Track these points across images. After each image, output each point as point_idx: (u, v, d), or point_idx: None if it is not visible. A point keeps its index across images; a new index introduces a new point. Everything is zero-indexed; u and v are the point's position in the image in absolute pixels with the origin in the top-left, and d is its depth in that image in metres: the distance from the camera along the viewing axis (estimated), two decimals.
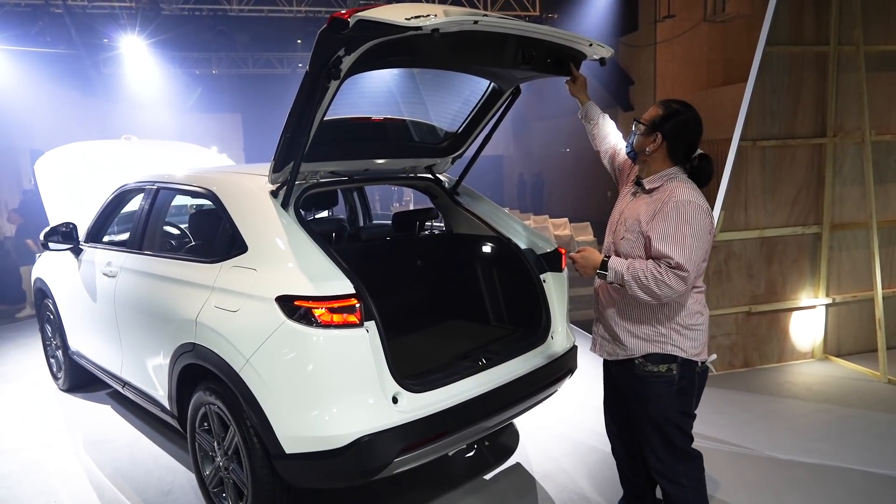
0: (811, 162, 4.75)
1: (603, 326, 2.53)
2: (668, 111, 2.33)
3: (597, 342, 2.58)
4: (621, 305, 2.43)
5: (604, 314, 2.51)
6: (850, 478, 3.26)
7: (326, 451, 2.40)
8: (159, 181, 3.65)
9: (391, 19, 2.07)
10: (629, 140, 2.43)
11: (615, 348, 2.47)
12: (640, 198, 2.38)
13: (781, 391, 4.42)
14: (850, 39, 4.59)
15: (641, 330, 2.39)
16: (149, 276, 3.38)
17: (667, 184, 2.32)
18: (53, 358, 4.94)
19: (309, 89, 2.40)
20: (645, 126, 2.35)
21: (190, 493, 3.28)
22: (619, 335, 2.44)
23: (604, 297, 2.51)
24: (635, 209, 2.37)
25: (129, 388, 3.70)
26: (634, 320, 2.40)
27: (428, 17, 2.09)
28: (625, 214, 2.41)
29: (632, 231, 2.33)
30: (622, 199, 2.53)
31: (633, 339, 2.40)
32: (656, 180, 2.35)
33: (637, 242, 2.32)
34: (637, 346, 2.40)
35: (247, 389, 2.53)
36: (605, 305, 2.50)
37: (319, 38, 2.26)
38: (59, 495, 3.34)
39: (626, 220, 2.38)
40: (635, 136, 2.38)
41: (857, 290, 4.95)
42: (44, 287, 4.75)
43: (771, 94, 4.58)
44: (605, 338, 2.52)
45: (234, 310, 2.64)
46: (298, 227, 2.67)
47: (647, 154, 2.37)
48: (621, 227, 2.40)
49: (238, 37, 13.12)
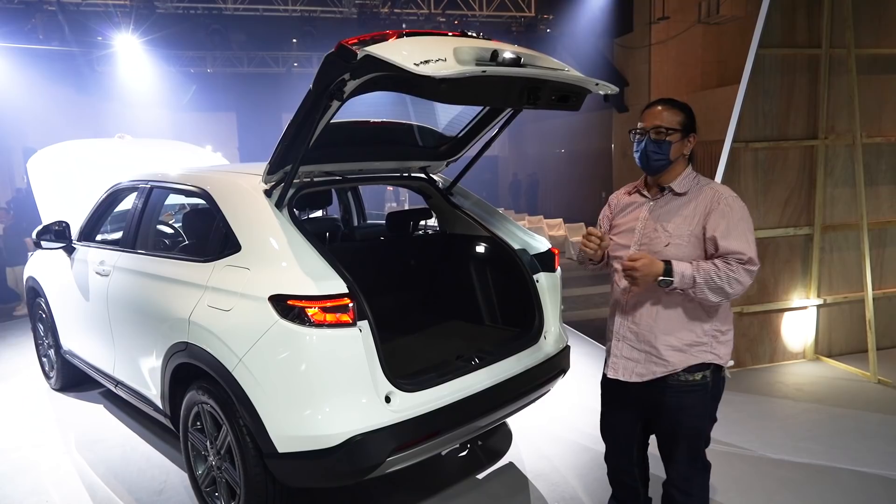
0: (803, 164, 4.79)
1: (631, 345, 2.30)
2: (687, 110, 2.26)
3: (619, 365, 2.34)
4: (663, 317, 2.24)
5: (637, 330, 2.28)
6: (841, 477, 3.28)
7: (319, 450, 2.40)
8: (153, 180, 3.64)
9: (400, 62, 2.06)
10: (657, 150, 2.22)
11: (651, 367, 2.26)
12: (669, 202, 2.26)
13: (773, 391, 4.45)
14: (842, 42, 4.63)
15: (684, 341, 2.23)
16: (142, 275, 3.37)
17: (699, 183, 2.26)
18: (45, 357, 4.92)
19: (311, 106, 2.41)
20: (678, 132, 2.22)
21: (182, 493, 3.28)
22: (659, 351, 2.24)
23: (637, 310, 2.28)
24: (669, 213, 2.24)
25: (121, 387, 3.69)
26: (677, 331, 2.23)
27: (437, 63, 2.08)
28: (658, 221, 2.25)
29: (679, 235, 2.20)
30: (635, 209, 2.35)
31: (674, 352, 2.22)
32: (686, 182, 2.27)
33: (689, 246, 2.19)
34: (679, 359, 2.23)
35: (240, 389, 2.53)
36: (639, 320, 2.28)
37: (326, 61, 2.26)
38: (51, 495, 3.33)
39: (663, 226, 2.23)
40: (670, 145, 2.20)
41: (848, 291, 4.99)
42: (36, 286, 4.73)
43: (763, 96, 4.61)
44: (634, 358, 2.29)
45: (227, 309, 2.64)
46: (292, 227, 2.67)
47: (681, 158, 2.27)
48: (657, 233, 2.23)
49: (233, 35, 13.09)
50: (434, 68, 2.06)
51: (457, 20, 13.09)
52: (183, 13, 12.03)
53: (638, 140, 2.27)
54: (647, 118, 2.26)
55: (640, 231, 2.28)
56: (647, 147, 2.23)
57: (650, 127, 2.23)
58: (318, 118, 2.44)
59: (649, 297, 2.24)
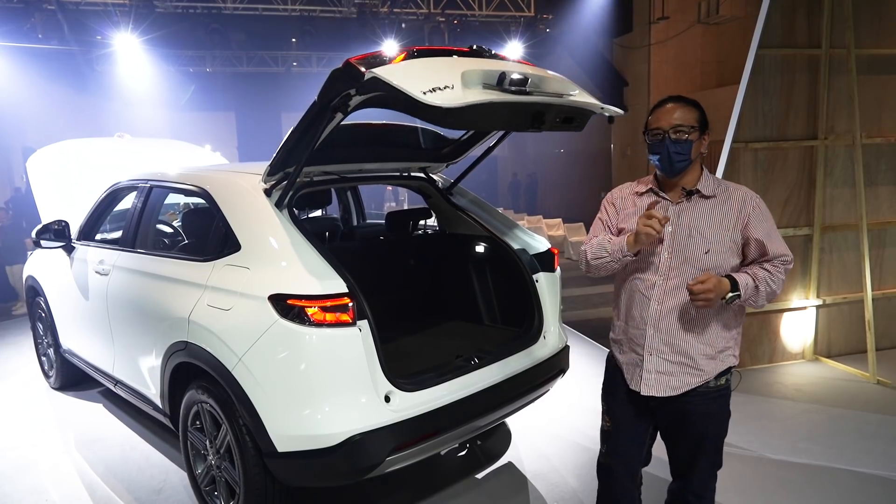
0: (803, 164, 4.79)
1: (665, 358, 2.17)
2: (700, 106, 2.17)
3: (652, 380, 2.19)
4: (700, 325, 2.15)
5: (671, 341, 2.16)
6: (840, 478, 3.29)
7: (318, 449, 2.40)
8: (152, 179, 3.64)
9: (408, 90, 2.06)
10: (680, 150, 2.10)
11: (687, 378, 2.16)
12: (698, 205, 2.15)
13: (772, 392, 4.45)
14: (842, 42, 4.63)
15: (717, 347, 2.17)
16: (141, 274, 3.37)
17: (720, 185, 2.19)
18: (45, 356, 4.92)
19: (315, 117, 2.42)
20: (696, 130, 2.12)
21: (182, 492, 3.28)
22: (696, 361, 2.15)
23: (672, 321, 2.15)
24: (702, 218, 2.14)
25: (121, 386, 3.69)
26: (712, 338, 2.16)
27: (445, 92, 2.10)
28: (692, 226, 2.13)
29: (720, 241, 2.11)
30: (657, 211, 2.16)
31: (708, 360, 2.15)
32: (710, 184, 2.18)
33: (729, 252, 2.12)
34: (712, 366, 2.16)
35: (239, 388, 2.53)
36: (674, 331, 2.16)
37: (332, 76, 2.27)
38: (51, 494, 3.33)
39: (700, 232, 2.12)
40: (692, 144, 2.10)
41: (848, 291, 4.99)
42: (35, 285, 4.73)
43: (763, 96, 4.61)
44: (669, 371, 2.17)
45: (226, 308, 2.64)
46: (292, 226, 2.67)
47: (698, 158, 2.18)
48: (692, 240, 2.12)
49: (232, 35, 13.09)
50: (441, 98, 2.07)
51: (456, 20, 13.08)
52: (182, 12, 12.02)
53: (655, 142, 2.14)
54: (663, 118, 2.14)
55: (670, 237, 2.14)
56: (670, 148, 2.11)
57: (668, 127, 2.11)
58: (322, 128, 2.44)
59: (685, 306, 2.13)
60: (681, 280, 2.12)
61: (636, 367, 2.23)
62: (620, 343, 2.31)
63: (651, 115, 2.20)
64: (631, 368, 2.25)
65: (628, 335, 2.26)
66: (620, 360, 2.30)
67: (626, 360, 2.27)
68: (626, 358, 2.27)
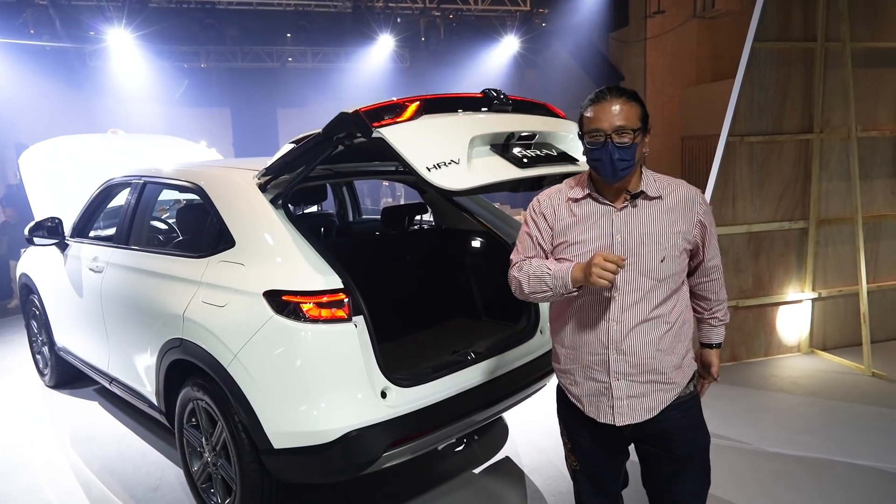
0: (798, 157, 4.79)
1: (632, 381, 1.93)
2: (639, 99, 1.90)
3: (624, 407, 1.93)
4: (666, 337, 1.94)
5: (637, 361, 1.92)
6: (836, 469, 3.30)
7: (315, 446, 2.39)
8: (146, 175, 3.62)
9: (413, 162, 2.12)
10: (624, 156, 1.84)
11: (661, 395, 1.94)
12: (643, 210, 1.91)
13: (768, 385, 4.46)
14: (837, 36, 4.62)
15: (681, 354, 1.98)
16: (136, 271, 3.35)
17: (658, 179, 1.97)
18: (39, 354, 4.90)
19: (316, 145, 2.43)
20: (641, 130, 1.87)
21: (178, 489, 3.27)
22: (666, 374, 1.94)
23: (634, 339, 1.91)
24: (650, 222, 1.90)
25: (116, 384, 3.67)
26: (676, 347, 1.97)
27: (450, 168, 2.15)
28: (641, 233, 1.89)
29: (674, 245, 1.90)
30: (596, 220, 1.93)
31: (676, 370, 1.96)
32: (652, 184, 1.94)
33: (683, 256, 1.93)
34: (681, 375, 1.98)
35: (235, 385, 2.52)
36: (638, 349, 1.91)
37: (342, 118, 2.28)
38: (46, 493, 3.32)
39: (652, 239, 1.89)
40: (636, 147, 1.85)
41: (843, 284, 5.00)
42: (29, 282, 4.71)
43: (759, 90, 4.60)
44: (639, 393, 1.93)
45: (221, 305, 2.63)
46: (286, 222, 2.66)
47: (642, 159, 1.94)
48: (646, 248, 1.88)
49: (227, 30, 12.99)
50: (446, 180, 2.13)
51: (451, 14, 13.03)
52: (176, 7, 11.94)
53: (595, 146, 1.85)
54: (603, 117, 1.84)
55: (620, 247, 1.89)
56: (613, 154, 1.83)
57: (611, 129, 1.83)
58: (323, 155, 2.47)
59: (645, 320, 1.91)
60: (638, 294, 1.88)
61: (601, 397, 1.96)
62: (571, 373, 2.02)
63: (587, 111, 1.89)
64: (594, 399, 1.98)
65: (582, 363, 1.98)
66: (576, 392, 2.02)
67: (585, 391, 1.99)
68: (584, 389, 1.99)
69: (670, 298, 1.94)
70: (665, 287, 1.91)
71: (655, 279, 1.89)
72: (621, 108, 1.84)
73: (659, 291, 1.90)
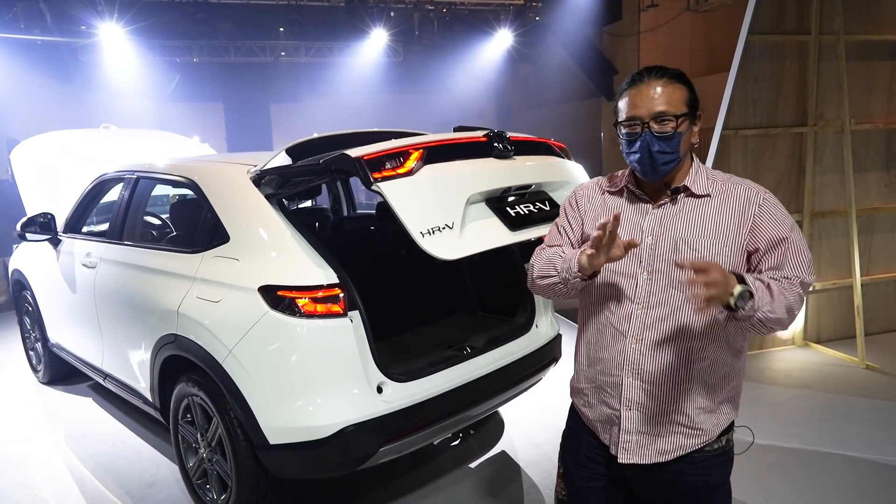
0: (792, 151, 4.80)
1: (647, 414, 1.63)
2: (688, 81, 1.61)
3: (632, 443, 1.64)
4: (697, 366, 1.60)
5: (657, 392, 1.62)
6: (830, 462, 3.31)
7: (310, 441, 2.39)
8: (139, 170, 3.59)
9: (407, 225, 2.21)
10: (666, 147, 1.56)
11: (680, 439, 1.63)
12: (684, 209, 1.62)
13: (762, 377, 4.48)
14: (831, 29, 4.63)
15: (718, 398, 1.65)
16: (129, 266, 3.33)
17: (716, 178, 1.66)
18: (33, 350, 4.87)
19: (315, 173, 2.50)
20: (686, 116, 1.57)
21: (174, 486, 3.26)
22: (691, 417, 1.62)
23: (659, 361, 1.60)
24: (692, 224, 1.60)
25: (110, 380, 3.65)
26: (714, 386, 1.63)
27: (444, 234, 2.24)
28: (678, 236, 1.60)
29: (714, 256, 1.57)
30: (630, 217, 1.67)
31: (707, 415, 1.63)
32: (702, 179, 1.64)
33: (731, 268, 1.54)
34: (713, 423, 1.65)
35: (230, 380, 2.51)
36: (662, 376, 1.61)
37: (344, 159, 2.32)
38: (41, 490, 3.30)
39: (688, 243, 1.58)
40: (681, 136, 1.57)
41: (837, 277, 5.02)
42: (21, 279, 4.67)
43: (753, 83, 4.60)
44: (653, 431, 1.63)
45: (216, 300, 2.62)
46: (281, 217, 2.64)
47: (690, 150, 1.65)
48: (681, 254, 1.58)
49: (219, 25, 12.91)
50: (438, 247, 2.22)
51: (445, 8, 12.98)
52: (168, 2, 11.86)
53: (631, 136, 1.58)
54: (640, 102, 1.56)
55: (650, 251, 1.61)
56: (652, 146, 1.55)
57: (649, 116, 1.54)
58: (317, 181, 2.62)
59: (671, 342, 1.59)
60: (666, 309, 1.59)
61: (612, 426, 1.68)
62: (585, 394, 1.76)
63: (623, 97, 1.61)
64: (606, 427, 1.70)
65: (596, 383, 1.71)
66: (588, 415, 1.76)
67: (597, 416, 1.72)
68: (597, 413, 1.72)
69: (710, 329, 1.58)
70: None
71: (688, 295, 1.54)
72: (663, 90, 1.55)
73: (693, 311, 1.57)
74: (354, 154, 2.29)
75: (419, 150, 2.34)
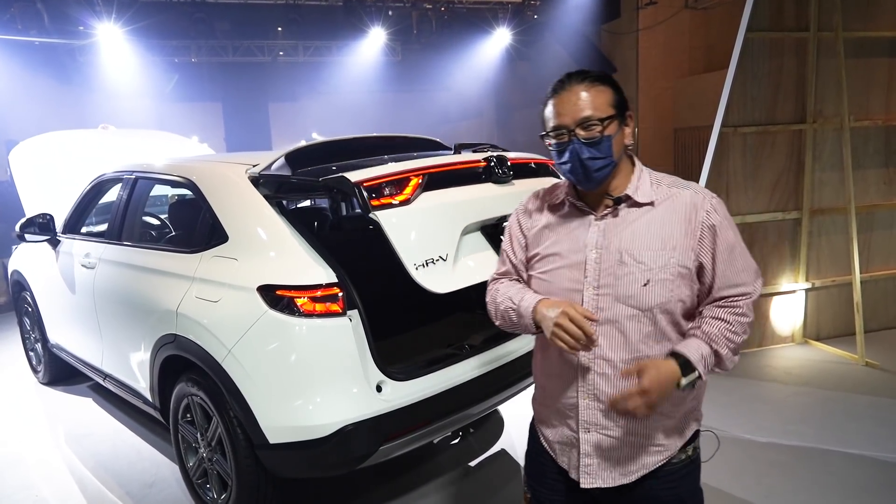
0: (791, 148, 4.79)
1: (610, 436, 1.56)
2: (611, 81, 1.54)
3: (594, 467, 1.58)
4: None
5: (616, 418, 1.55)
6: (830, 459, 3.31)
7: (310, 440, 2.39)
8: (138, 170, 3.59)
9: (402, 256, 2.31)
10: (597, 153, 1.48)
11: (644, 459, 1.58)
12: (628, 219, 1.54)
13: (762, 375, 4.48)
14: (830, 25, 4.62)
15: (680, 410, 1.59)
16: (128, 266, 3.33)
17: (662, 182, 1.58)
18: (33, 351, 4.87)
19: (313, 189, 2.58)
20: (614, 118, 1.50)
21: (174, 485, 3.26)
22: (653, 435, 1.57)
23: (615, 383, 1.54)
24: (636, 235, 1.52)
25: (110, 380, 3.65)
26: (673, 401, 1.55)
27: (437, 266, 2.32)
28: (621, 248, 1.52)
29: (663, 267, 1.49)
30: (572, 230, 1.58)
31: (672, 431, 1.59)
32: (646, 185, 1.56)
33: (679, 280, 1.50)
34: (676, 437, 1.60)
35: (229, 380, 2.50)
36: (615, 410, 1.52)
37: (341, 181, 2.40)
38: (41, 490, 3.30)
39: (633, 256, 1.50)
40: (611, 140, 1.49)
41: (836, 274, 5.02)
42: (21, 279, 4.67)
43: (752, 80, 4.60)
44: (614, 452, 1.57)
45: (215, 300, 2.61)
46: (280, 217, 2.64)
47: (624, 152, 1.57)
48: (625, 268, 1.50)
49: (217, 24, 12.91)
50: (430, 280, 2.30)
51: (443, 7, 12.98)
52: (166, 2, 11.85)
53: (560, 145, 1.51)
54: (564, 110, 1.49)
55: (595, 265, 1.53)
56: (581, 154, 1.48)
57: (574, 123, 1.48)
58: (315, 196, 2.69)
59: (625, 361, 1.53)
60: (617, 327, 1.52)
61: (571, 449, 1.61)
62: (545, 416, 1.70)
63: (547, 105, 1.54)
64: (565, 449, 1.64)
65: (557, 403, 1.63)
66: (549, 436, 1.69)
67: (557, 437, 1.66)
68: (556, 434, 1.66)
69: (665, 338, 1.53)
70: (654, 321, 1.50)
71: (637, 308, 1.49)
72: (586, 94, 1.48)
73: (645, 325, 1.50)
74: (354, 179, 2.36)
75: (418, 177, 2.37)
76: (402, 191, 2.39)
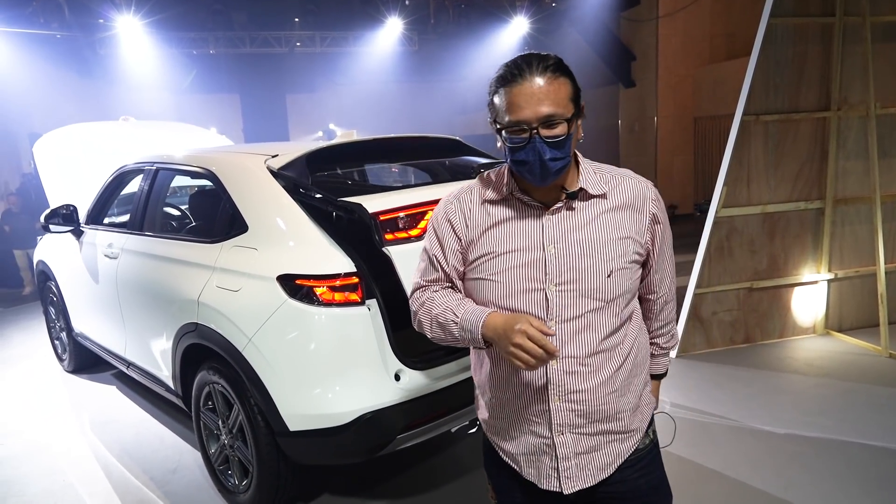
0: (815, 136, 4.71)
1: (581, 433, 1.50)
2: (568, 70, 1.41)
3: (572, 468, 1.50)
4: (619, 370, 1.51)
5: (586, 409, 1.48)
6: (851, 451, 3.28)
7: (329, 428, 2.42)
8: (158, 162, 3.63)
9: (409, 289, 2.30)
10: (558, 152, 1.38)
11: (616, 447, 1.53)
12: (583, 211, 1.47)
13: (783, 366, 4.43)
14: (857, 10, 4.52)
15: (639, 391, 1.57)
16: (150, 256, 3.38)
17: (603, 170, 1.53)
18: (58, 340, 4.97)
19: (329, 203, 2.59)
20: (575, 115, 1.41)
21: (196, 471, 3.31)
22: (623, 421, 1.53)
23: (584, 378, 1.46)
24: (592, 227, 1.46)
25: (133, 368, 3.72)
26: (634, 382, 1.55)
27: None
28: (580, 241, 1.45)
29: (623, 255, 1.46)
30: (523, 226, 1.47)
31: (635, 414, 1.56)
32: (593, 177, 1.50)
33: (633, 272, 1.49)
34: (639, 419, 1.57)
35: (250, 368, 2.54)
36: (588, 392, 1.47)
37: (357, 208, 2.47)
38: (67, 475, 3.38)
39: (593, 248, 1.44)
40: (571, 137, 1.40)
41: (860, 265, 4.94)
42: (46, 269, 4.76)
43: (774, 67, 4.52)
44: (590, 449, 1.51)
45: (235, 289, 2.64)
46: (299, 206, 2.66)
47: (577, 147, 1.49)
48: (586, 260, 1.43)
49: (235, 16, 12.97)
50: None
51: None
52: None
53: (518, 142, 1.38)
54: (526, 103, 1.35)
55: (555, 261, 1.44)
56: (543, 154, 1.37)
57: (537, 121, 1.35)
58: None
59: (593, 354, 1.46)
60: (581, 321, 1.44)
61: (542, 457, 1.52)
62: (503, 429, 1.58)
63: (499, 94, 1.39)
64: (533, 460, 1.54)
65: (519, 415, 1.53)
66: (510, 449, 1.58)
67: (521, 449, 1.55)
68: (519, 446, 1.55)
69: (623, 324, 1.51)
70: (615, 309, 1.47)
71: (602, 300, 1.44)
72: (548, 87, 1.35)
73: (608, 316, 1.46)
74: (371, 210, 2.42)
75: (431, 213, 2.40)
76: (417, 225, 2.43)
